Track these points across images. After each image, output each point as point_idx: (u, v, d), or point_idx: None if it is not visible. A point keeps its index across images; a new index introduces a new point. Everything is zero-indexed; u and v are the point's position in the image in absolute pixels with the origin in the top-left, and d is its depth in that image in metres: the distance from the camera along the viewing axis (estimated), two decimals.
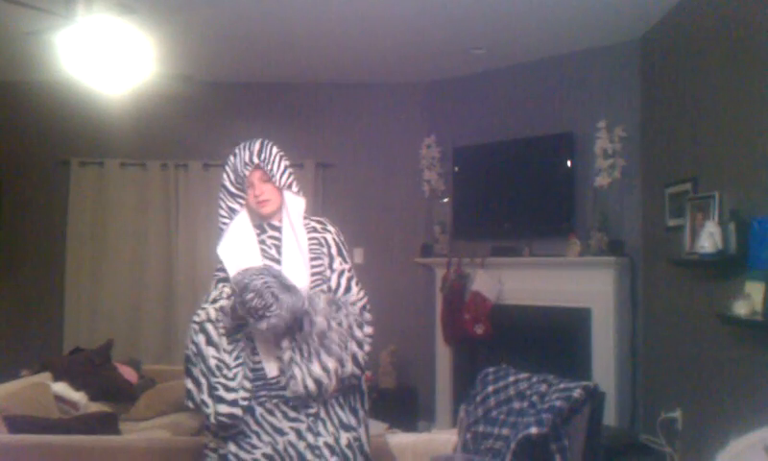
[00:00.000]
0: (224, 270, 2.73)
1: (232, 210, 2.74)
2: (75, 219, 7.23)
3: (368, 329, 2.64)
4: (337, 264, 2.70)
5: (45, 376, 5.01)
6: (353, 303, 2.65)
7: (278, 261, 2.67)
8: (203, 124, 7.19)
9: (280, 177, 2.67)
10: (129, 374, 5.64)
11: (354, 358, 2.58)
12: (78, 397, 4.90)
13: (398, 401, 6.69)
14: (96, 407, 4.91)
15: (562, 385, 3.00)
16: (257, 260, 2.68)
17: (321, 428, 2.59)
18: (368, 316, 2.67)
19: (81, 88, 5.87)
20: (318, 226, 2.75)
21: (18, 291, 7.24)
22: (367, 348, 2.62)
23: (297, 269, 2.62)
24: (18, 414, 4.00)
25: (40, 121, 7.22)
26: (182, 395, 5.19)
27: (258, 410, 2.61)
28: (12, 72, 6.90)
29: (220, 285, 2.73)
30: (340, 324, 2.56)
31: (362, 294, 2.71)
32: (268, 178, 2.68)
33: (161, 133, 7.23)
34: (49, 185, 7.30)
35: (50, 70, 6.33)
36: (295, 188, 2.70)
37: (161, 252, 7.24)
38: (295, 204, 2.69)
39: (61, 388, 4.87)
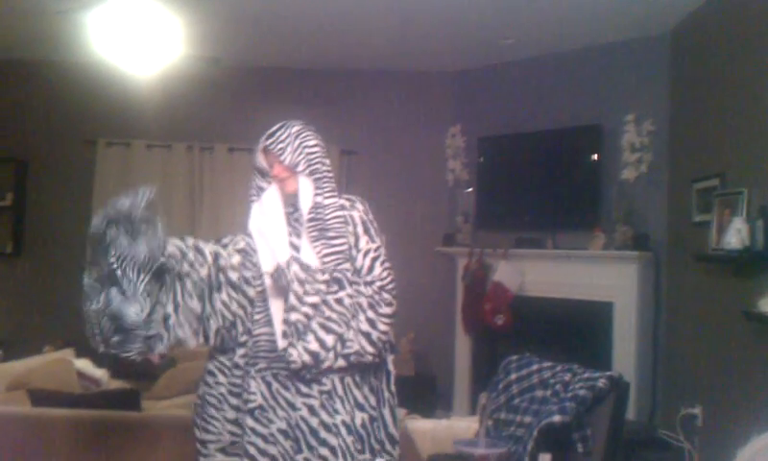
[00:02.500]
0: (235, 243, 2.76)
1: (260, 188, 2.77)
2: (100, 198, 7.26)
3: (385, 309, 2.60)
4: (363, 243, 2.68)
5: (68, 353, 5.05)
6: (371, 283, 2.62)
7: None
8: (229, 107, 7.21)
9: (290, 157, 2.67)
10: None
11: (367, 337, 2.57)
12: (100, 374, 4.93)
13: (416, 389, 6.66)
14: (117, 385, 4.95)
15: (586, 375, 2.99)
16: (283, 235, 2.70)
17: (338, 406, 2.58)
18: (386, 296, 2.62)
19: (109, 68, 5.90)
20: (346, 203, 2.73)
21: (43, 269, 7.30)
22: (382, 326, 2.59)
23: (303, 249, 2.65)
24: (41, 388, 4.04)
25: (68, 100, 7.27)
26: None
27: (274, 385, 2.62)
28: (42, 51, 6.94)
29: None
30: (339, 301, 2.55)
31: (385, 274, 2.66)
32: (278, 158, 2.69)
33: (188, 116, 7.25)
34: (75, 164, 7.35)
35: (79, 50, 6.36)
36: (301, 168, 2.67)
37: (184, 233, 7.25)
38: (302, 185, 2.69)
39: (84, 365, 4.91)
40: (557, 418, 2.78)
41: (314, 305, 2.53)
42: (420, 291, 7.08)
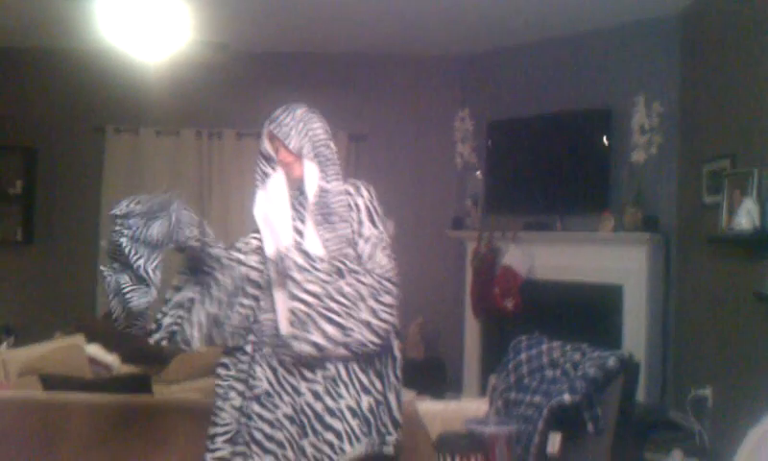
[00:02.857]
0: (247, 243, 2.77)
1: (265, 174, 2.75)
2: (109, 185, 7.29)
3: (386, 298, 2.58)
4: (366, 230, 2.67)
5: (79, 338, 5.07)
6: (373, 271, 2.60)
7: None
8: (237, 93, 7.20)
9: (295, 141, 2.66)
10: None
11: (369, 326, 2.55)
12: (111, 359, 4.96)
13: (426, 373, 6.68)
14: (128, 370, 4.97)
15: (596, 354, 2.99)
16: (288, 220, 2.70)
17: (343, 391, 2.59)
18: (388, 285, 2.61)
19: (118, 55, 5.91)
20: (351, 188, 2.72)
21: (53, 255, 7.33)
22: (384, 315, 2.57)
23: (308, 233, 2.66)
24: (53, 373, 4.06)
25: (77, 88, 7.26)
26: (213, 360, 5.25)
27: (280, 370, 2.62)
28: (51, 39, 6.95)
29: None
30: (342, 294, 2.54)
31: (387, 262, 2.65)
32: (283, 143, 2.69)
33: (196, 102, 7.24)
34: (84, 152, 7.36)
35: (87, 37, 6.36)
36: (306, 152, 2.66)
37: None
38: (307, 169, 2.68)
39: (95, 350, 4.94)
40: (567, 397, 2.78)
41: (314, 294, 2.52)
42: (429, 275, 7.09)
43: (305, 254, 2.57)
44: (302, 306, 2.51)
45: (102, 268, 2.62)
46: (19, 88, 7.31)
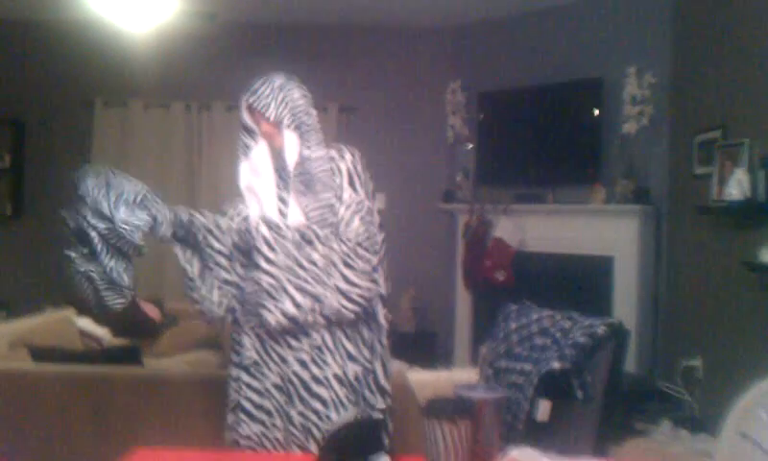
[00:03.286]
0: (238, 211, 2.75)
1: (247, 146, 2.73)
2: (98, 158, 7.23)
3: (360, 264, 2.56)
4: (346, 195, 2.63)
5: (69, 312, 5.04)
6: (347, 238, 2.57)
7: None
8: (226, 65, 7.13)
9: (275, 111, 2.63)
10: (152, 311, 5.67)
11: (345, 294, 2.54)
12: (102, 332, 4.94)
13: (417, 345, 6.71)
14: (119, 343, 4.95)
15: (586, 322, 2.99)
16: (272, 190, 2.68)
17: (329, 359, 2.58)
18: (362, 252, 2.58)
19: (105, 26, 5.85)
20: (335, 153, 2.69)
21: (43, 230, 7.28)
22: (359, 281, 2.55)
23: (291, 203, 2.65)
24: (43, 345, 4.04)
25: (64, 60, 7.20)
26: (205, 333, 5.21)
27: (267, 340, 2.62)
28: (37, 10, 6.87)
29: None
30: (312, 262, 2.53)
31: (363, 229, 2.61)
32: (263, 115, 2.66)
33: (185, 74, 7.19)
34: (73, 125, 7.31)
35: (74, 8, 6.29)
36: (286, 122, 2.62)
37: (184, 194, 7.24)
38: (287, 139, 2.64)
39: (86, 323, 4.91)
40: (556, 364, 2.79)
41: (283, 265, 2.51)
42: (420, 248, 7.09)
43: (274, 226, 2.56)
44: (271, 279, 2.51)
45: (69, 253, 2.63)
46: (7, 61, 7.24)
